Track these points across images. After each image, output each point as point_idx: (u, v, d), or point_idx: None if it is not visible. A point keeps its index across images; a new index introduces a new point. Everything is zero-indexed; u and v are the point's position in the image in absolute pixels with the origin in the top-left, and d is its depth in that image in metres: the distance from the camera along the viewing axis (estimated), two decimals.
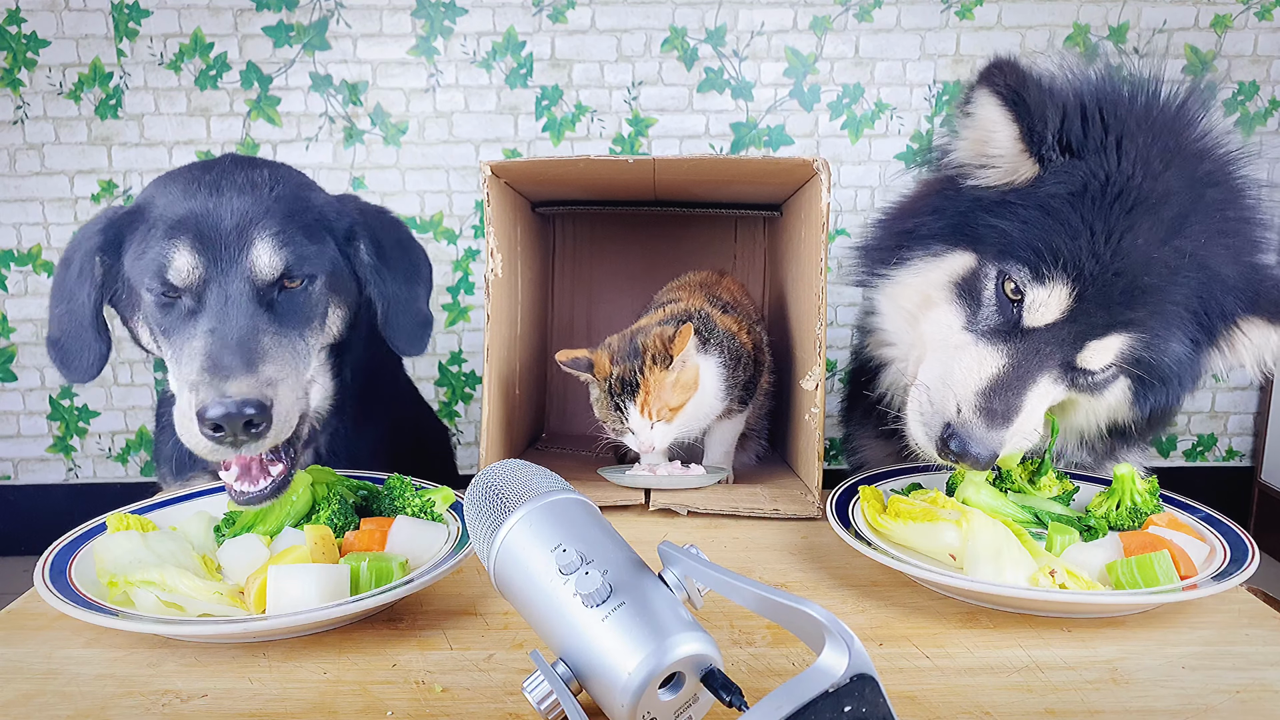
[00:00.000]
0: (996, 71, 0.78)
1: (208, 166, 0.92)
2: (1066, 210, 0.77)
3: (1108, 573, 0.75)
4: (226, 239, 0.85)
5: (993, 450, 0.78)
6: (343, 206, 0.96)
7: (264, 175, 0.92)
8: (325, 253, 0.91)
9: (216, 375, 0.78)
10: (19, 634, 0.71)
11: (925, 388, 0.83)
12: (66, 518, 0.95)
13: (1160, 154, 0.78)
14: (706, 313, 1.12)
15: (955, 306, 0.85)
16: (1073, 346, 0.79)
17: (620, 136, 2.21)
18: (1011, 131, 0.79)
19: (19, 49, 2.09)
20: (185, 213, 0.86)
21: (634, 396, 1.04)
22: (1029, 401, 0.79)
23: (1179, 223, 0.77)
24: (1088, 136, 0.79)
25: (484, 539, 0.59)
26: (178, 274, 0.84)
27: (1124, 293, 0.76)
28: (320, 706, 0.60)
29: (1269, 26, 2.16)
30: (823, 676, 0.44)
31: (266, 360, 0.81)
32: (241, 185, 0.89)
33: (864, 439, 1.20)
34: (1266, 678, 0.64)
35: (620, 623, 0.51)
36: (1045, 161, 0.79)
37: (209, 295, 0.84)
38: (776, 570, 0.85)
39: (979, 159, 0.84)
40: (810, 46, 2.17)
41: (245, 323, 0.82)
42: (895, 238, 0.91)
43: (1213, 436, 2.40)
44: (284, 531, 0.82)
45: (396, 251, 0.99)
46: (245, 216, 0.86)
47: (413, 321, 0.99)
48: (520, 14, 2.13)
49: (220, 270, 0.84)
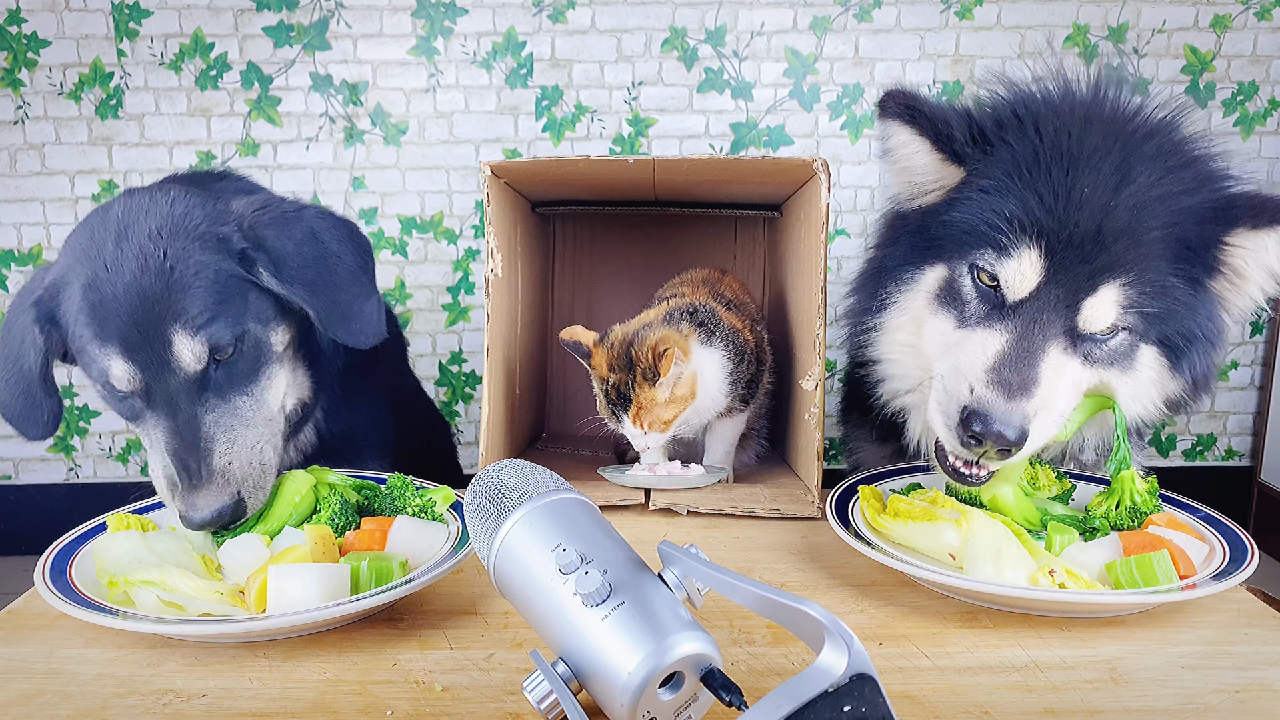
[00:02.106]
0: (889, 100, 0.84)
1: (105, 229, 0.86)
2: (1007, 183, 0.80)
3: (1107, 572, 0.75)
4: (150, 340, 0.82)
5: (1018, 425, 0.75)
6: (235, 229, 0.88)
7: (158, 248, 0.84)
8: (240, 304, 0.87)
9: (186, 483, 0.82)
10: (19, 634, 0.71)
11: (939, 378, 0.82)
12: (66, 518, 0.95)
13: (1080, 121, 0.81)
14: (711, 307, 1.12)
15: (943, 314, 0.85)
16: (1070, 309, 0.78)
17: (620, 136, 2.21)
18: (924, 145, 0.84)
19: (19, 49, 2.09)
20: (100, 312, 0.83)
21: (626, 409, 1.05)
22: (1044, 373, 0.77)
23: (1123, 171, 0.78)
24: (1002, 126, 0.82)
25: (484, 539, 0.59)
26: (119, 381, 0.84)
27: (1094, 241, 0.77)
28: (320, 706, 0.60)
29: (1268, 26, 2.16)
30: (822, 676, 0.44)
31: (217, 449, 0.83)
32: (138, 267, 0.83)
33: (861, 441, 1.20)
34: (1266, 678, 0.64)
35: (620, 622, 0.51)
36: (965, 159, 0.83)
37: (154, 395, 0.84)
38: (776, 570, 0.85)
39: (913, 187, 0.88)
40: (810, 47, 2.17)
41: (193, 412, 0.84)
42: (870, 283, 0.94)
43: (1212, 436, 2.40)
44: (284, 531, 0.82)
45: (300, 257, 0.91)
46: (153, 312, 0.82)
47: (345, 314, 0.93)
48: (520, 14, 2.13)
49: (155, 373, 0.83)
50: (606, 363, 1.05)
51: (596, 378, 1.07)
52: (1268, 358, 2.33)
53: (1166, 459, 2.42)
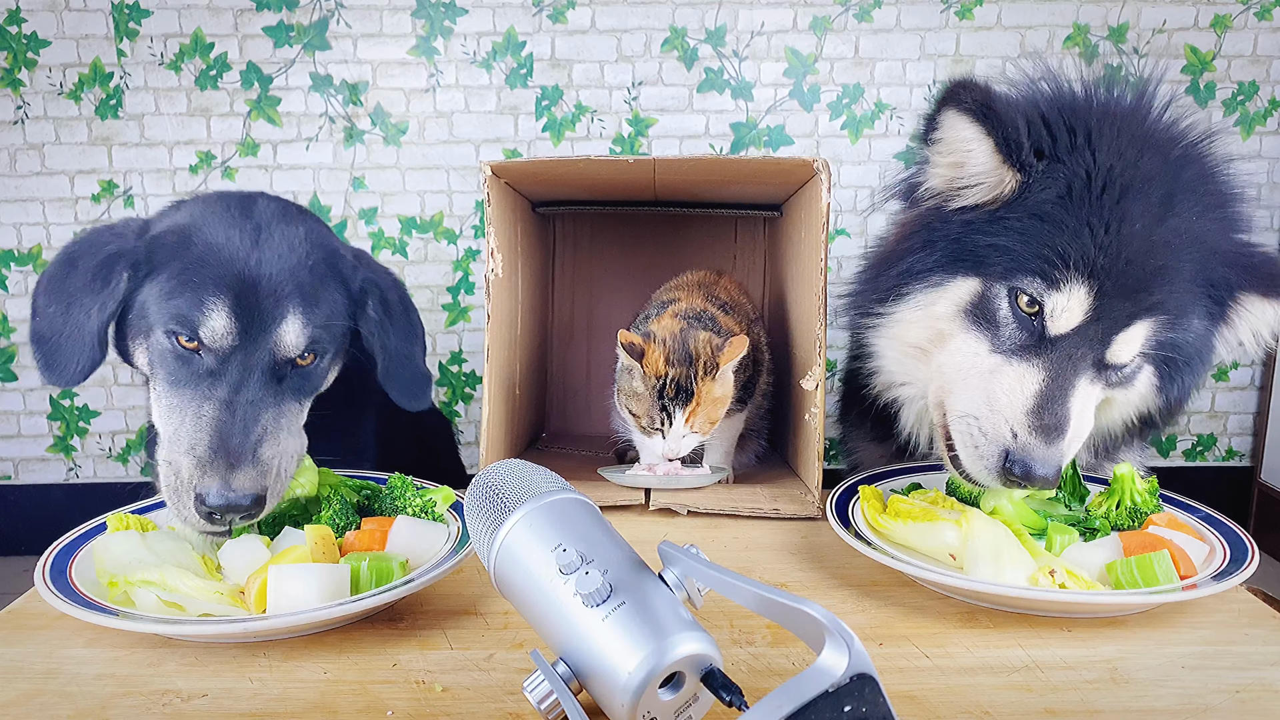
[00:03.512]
0: (962, 90, 0.78)
1: (246, 209, 0.88)
2: (1060, 212, 0.77)
3: (1107, 573, 0.75)
4: (262, 306, 0.83)
5: (1056, 465, 0.76)
6: (358, 263, 0.96)
7: (300, 236, 0.89)
8: (338, 325, 0.91)
9: (222, 460, 0.77)
10: (19, 634, 0.71)
11: (973, 420, 0.80)
12: (66, 518, 0.94)
13: (1130, 143, 0.79)
14: (711, 314, 1.12)
15: (974, 333, 0.83)
16: (1101, 344, 0.78)
17: (620, 136, 2.21)
18: (987, 146, 0.79)
19: (19, 49, 2.09)
20: (226, 260, 0.83)
21: (685, 405, 1.02)
22: (1074, 408, 0.77)
23: (1168, 201, 0.78)
24: (1056, 140, 0.79)
25: (484, 539, 0.59)
26: (211, 334, 0.81)
27: (1139, 279, 0.76)
28: (320, 706, 0.60)
29: (1269, 26, 2.16)
30: (823, 676, 0.44)
31: (267, 441, 0.80)
32: (280, 246, 0.86)
33: (859, 442, 1.20)
34: (1266, 678, 0.64)
35: (620, 622, 0.51)
36: (1026, 169, 0.79)
37: (232, 362, 0.82)
38: (776, 570, 0.85)
39: (956, 182, 0.83)
40: (810, 46, 2.17)
41: (258, 397, 0.81)
42: (890, 279, 0.89)
43: (1212, 436, 2.40)
44: (284, 531, 0.82)
45: (399, 310, 0.99)
46: (282, 287, 0.84)
47: (412, 375, 0.99)
48: (520, 14, 2.13)
49: (250, 338, 0.82)
50: (664, 357, 1.02)
51: (648, 375, 1.03)
52: (1268, 358, 2.33)
53: (1167, 459, 2.42)
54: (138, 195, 2.18)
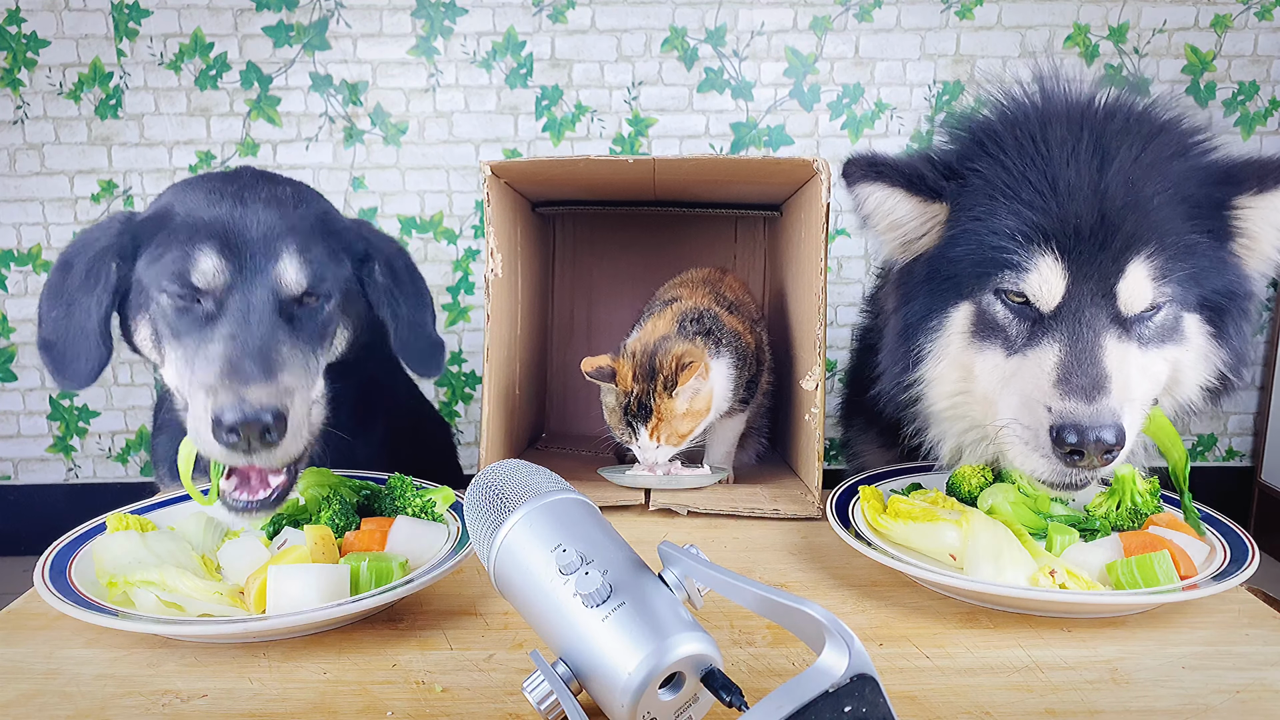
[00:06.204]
0: (851, 167, 0.85)
1: (228, 178, 0.91)
2: (994, 203, 0.80)
3: (1108, 573, 0.75)
4: (253, 248, 0.84)
5: (1112, 423, 0.73)
6: (359, 230, 0.97)
7: (287, 192, 0.91)
8: (341, 274, 0.92)
9: (236, 380, 0.76)
10: (19, 634, 0.71)
11: (1012, 421, 0.79)
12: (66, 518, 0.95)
13: (1037, 122, 0.82)
14: (715, 313, 1.12)
15: (987, 349, 0.83)
16: (1107, 299, 0.77)
17: (620, 136, 2.21)
18: (900, 194, 0.84)
19: (19, 49, 2.09)
20: (210, 219, 0.85)
21: (645, 421, 1.03)
22: (1110, 366, 0.76)
23: (1100, 152, 0.78)
24: (967, 156, 0.84)
25: (484, 539, 0.59)
26: (202, 276, 0.82)
27: (1101, 225, 0.76)
28: (320, 706, 0.60)
29: (1269, 26, 2.16)
30: (823, 676, 0.44)
31: (284, 369, 0.80)
32: (266, 199, 0.88)
33: (863, 445, 1.20)
34: (1266, 678, 0.64)
35: (620, 623, 0.51)
36: (944, 193, 0.84)
37: (231, 301, 0.83)
38: (776, 570, 0.85)
39: (904, 242, 0.88)
40: (810, 46, 2.17)
41: (266, 331, 0.81)
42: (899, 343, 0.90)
43: (1213, 437, 2.40)
44: (284, 531, 0.82)
45: (407, 276, 0.99)
46: (272, 230, 0.86)
47: (425, 343, 1.00)
48: (520, 14, 2.13)
49: (245, 279, 0.83)
50: (631, 372, 1.04)
51: (619, 391, 1.05)
52: (1268, 358, 2.33)
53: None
54: (137, 195, 2.18)
